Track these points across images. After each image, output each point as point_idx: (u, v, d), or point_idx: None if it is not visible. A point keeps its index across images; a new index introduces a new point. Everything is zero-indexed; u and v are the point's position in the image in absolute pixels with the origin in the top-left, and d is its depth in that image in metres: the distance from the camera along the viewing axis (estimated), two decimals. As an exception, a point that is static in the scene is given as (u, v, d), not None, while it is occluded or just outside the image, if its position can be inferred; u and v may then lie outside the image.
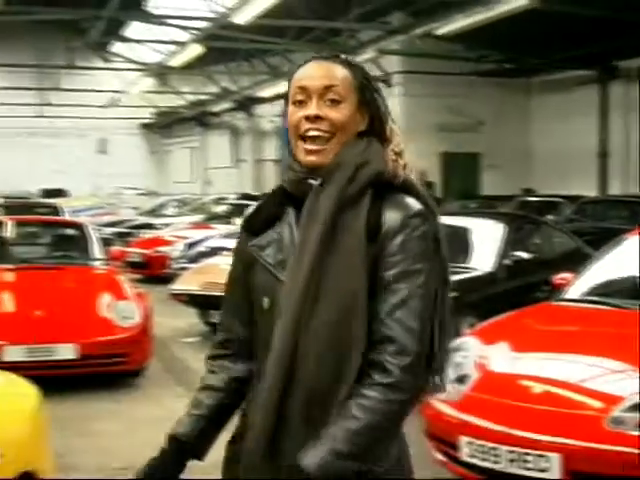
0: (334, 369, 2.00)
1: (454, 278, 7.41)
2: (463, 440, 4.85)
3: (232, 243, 9.26)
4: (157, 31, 27.08)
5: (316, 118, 2.11)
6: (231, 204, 21.13)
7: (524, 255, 9.40)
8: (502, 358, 5.35)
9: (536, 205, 18.39)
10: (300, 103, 2.12)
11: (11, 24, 21.98)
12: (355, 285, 2.00)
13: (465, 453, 4.84)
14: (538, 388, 4.94)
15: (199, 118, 35.43)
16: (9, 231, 11.16)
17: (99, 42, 26.43)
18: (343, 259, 2.03)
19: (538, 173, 25.46)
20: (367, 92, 2.18)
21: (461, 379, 5.25)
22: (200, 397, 2.26)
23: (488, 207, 18.26)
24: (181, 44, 22.45)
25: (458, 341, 5.79)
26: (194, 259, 13.71)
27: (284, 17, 17.50)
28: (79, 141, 39.37)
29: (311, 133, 2.11)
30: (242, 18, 14.96)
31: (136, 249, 16.77)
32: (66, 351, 7.73)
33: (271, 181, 31.05)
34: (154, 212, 24.00)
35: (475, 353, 5.40)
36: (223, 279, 6.92)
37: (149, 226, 20.38)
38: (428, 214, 2.10)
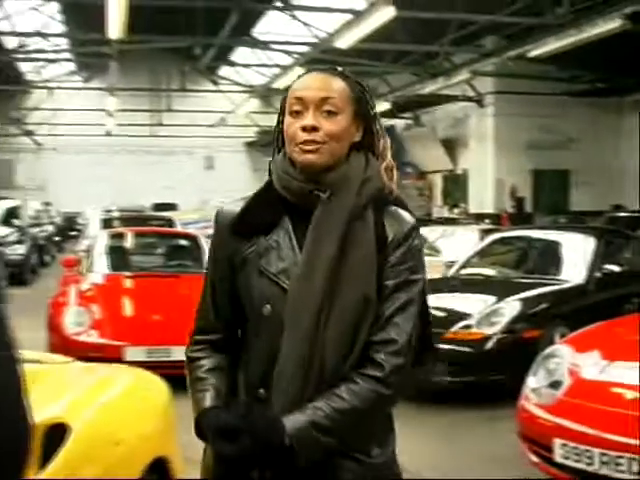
0: (344, 359, 2.05)
1: (547, 290, 7.39)
2: (557, 442, 4.85)
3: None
4: (262, 55, 27.53)
5: (312, 129, 2.08)
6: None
7: (614, 268, 9.28)
8: (594, 366, 5.32)
9: (625, 220, 18.07)
10: (297, 113, 2.09)
11: (131, 52, 22.54)
12: (367, 294, 2.06)
13: (559, 455, 4.84)
14: (629, 395, 4.90)
15: (300, 137, 35.74)
16: (129, 242, 11.54)
17: (209, 66, 26.94)
18: (356, 270, 2.08)
19: (628, 190, 24.96)
20: (363, 105, 2.17)
21: (554, 384, 5.26)
22: (207, 377, 2.21)
23: (578, 222, 18.07)
24: (284, 67, 22.73)
25: (551, 349, 5.81)
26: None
27: (382, 41, 17.58)
28: (188, 158, 40.13)
29: (307, 146, 2.07)
30: (343, 43, 15.12)
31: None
32: (181, 353, 7.92)
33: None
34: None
35: (567, 360, 5.38)
36: None
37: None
38: (418, 228, 2.17)
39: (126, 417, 3.56)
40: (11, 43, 26.42)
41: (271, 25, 25.54)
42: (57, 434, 2.94)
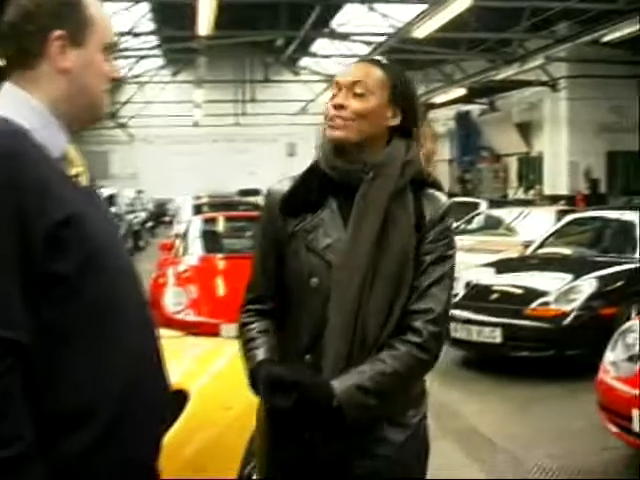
0: (382, 327, 2.16)
1: (622, 268, 7.39)
2: (636, 412, 4.89)
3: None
4: (341, 46, 27.59)
5: (340, 107, 2.19)
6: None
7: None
8: (671, 339, 5.36)
9: (700, 200, 17.75)
10: (334, 96, 2.23)
11: (217, 46, 22.84)
12: (404, 268, 2.17)
13: (638, 424, 4.89)
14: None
15: (378, 123, 35.74)
16: (220, 226, 11.80)
17: (290, 58, 27.12)
18: (394, 246, 2.18)
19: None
20: (398, 92, 2.24)
21: (632, 358, 5.31)
22: (261, 337, 2.28)
23: (652, 202, 17.77)
24: (363, 57, 22.77)
25: (628, 324, 5.83)
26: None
27: (457, 29, 17.50)
28: (271, 146, 40.45)
29: (334, 122, 2.19)
30: (420, 32, 15.12)
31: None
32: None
33: (444, 178, 31.06)
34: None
35: (645, 335, 5.43)
36: None
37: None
38: (451, 207, 2.29)
39: (235, 384, 3.70)
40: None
41: (350, 16, 25.61)
42: (177, 400, 3.07)
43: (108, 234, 1.90)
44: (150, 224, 29.13)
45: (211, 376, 3.69)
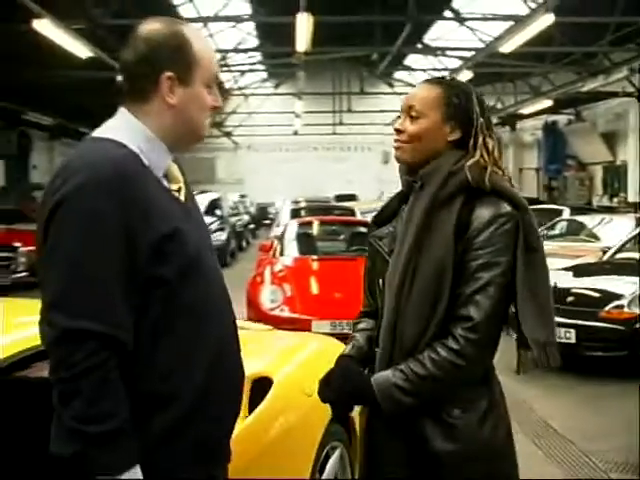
0: (421, 330, 2.19)
1: None
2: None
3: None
4: (433, 60, 27.53)
5: (398, 131, 2.31)
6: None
7: None
8: None
9: None
10: (399, 117, 2.34)
11: (315, 60, 23.09)
12: (443, 274, 2.15)
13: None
14: None
15: (468, 133, 35.42)
16: (315, 229, 11.99)
17: (385, 71, 27.17)
18: (435, 248, 2.18)
19: None
20: (453, 108, 2.28)
21: None
22: (356, 335, 2.47)
23: None
24: (453, 70, 22.70)
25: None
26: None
27: (543, 43, 17.29)
28: (366, 154, 40.54)
29: (395, 144, 2.32)
30: (506, 47, 15.02)
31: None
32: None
33: (532, 187, 30.65)
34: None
35: None
36: None
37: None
38: (515, 215, 2.19)
39: (316, 373, 3.87)
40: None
41: (441, 32, 25.56)
42: (262, 386, 3.26)
43: (203, 244, 2.08)
44: (252, 226, 29.54)
45: (295, 365, 3.83)
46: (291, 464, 3.36)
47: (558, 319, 7.67)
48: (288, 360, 3.88)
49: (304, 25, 12.76)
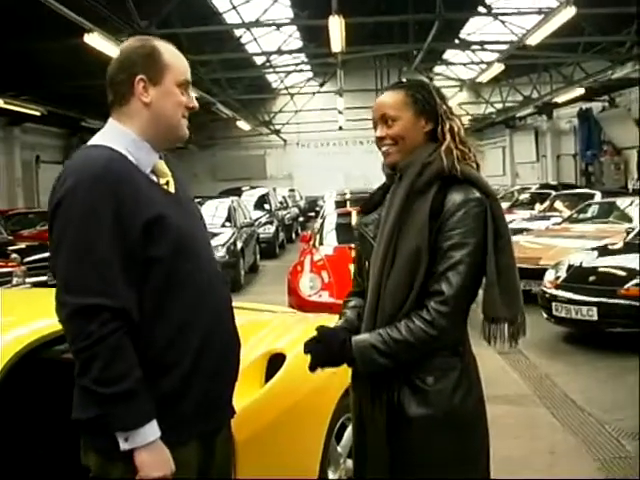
0: (399, 304, 2.32)
1: None
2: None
3: (532, 225, 9.68)
4: (470, 53, 27.39)
5: (381, 139, 2.46)
6: (532, 193, 20.94)
7: None
8: None
9: None
10: (375, 126, 2.48)
11: (354, 59, 23.16)
12: (417, 251, 2.29)
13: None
14: None
15: (507, 122, 35.19)
16: (353, 219, 12.11)
17: (424, 66, 27.12)
18: (412, 231, 2.32)
19: None
20: (421, 103, 2.41)
21: None
22: (346, 311, 2.62)
23: None
24: (487, 63, 22.61)
25: None
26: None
27: (572, 33, 17.14)
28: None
29: (383, 149, 2.46)
30: (533, 40, 14.96)
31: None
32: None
33: (570, 172, 30.32)
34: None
35: None
36: (522, 254, 7.48)
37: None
38: (483, 201, 2.31)
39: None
40: (259, 60, 27.96)
41: (476, 26, 25.45)
42: (277, 362, 3.46)
43: (192, 228, 2.30)
44: (301, 219, 29.78)
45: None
46: (304, 431, 3.53)
47: (581, 297, 7.76)
48: (304, 338, 4.04)
49: (337, 27, 12.90)
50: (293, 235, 25.31)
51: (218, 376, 2.30)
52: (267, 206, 22.55)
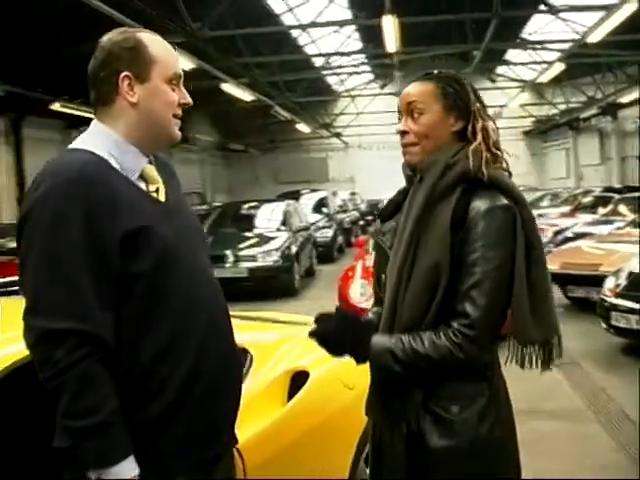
0: (416, 322, 2.10)
1: None
2: None
3: (594, 229, 9.31)
4: (532, 52, 26.85)
5: (403, 133, 2.20)
6: (596, 196, 20.33)
7: None
8: None
9: None
10: (399, 119, 2.23)
11: (413, 60, 22.84)
12: (438, 265, 2.05)
13: None
14: None
15: (570, 124, 34.43)
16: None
17: (485, 67, 26.66)
18: (431, 242, 2.08)
19: None
20: (453, 98, 2.19)
21: None
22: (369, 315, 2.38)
23: None
24: (549, 63, 22.07)
25: None
26: (560, 244, 13.50)
27: (635, 31, 16.53)
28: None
29: (403, 148, 2.22)
30: (594, 37, 14.49)
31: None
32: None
33: (635, 175, 29.45)
34: (532, 205, 23.55)
35: None
36: (581, 259, 7.25)
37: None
38: (511, 208, 2.08)
39: (360, 368, 3.83)
40: (318, 62, 27.82)
41: (538, 25, 24.89)
42: (301, 380, 3.26)
43: (183, 238, 2.08)
44: (362, 222, 29.54)
45: (336, 360, 3.79)
46: (329, 454, 3.34)
47: (636, 305, 7.38)
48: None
49: (390, 27, 12.66)
50: (352, 239, 25.06)
51: (213, 401, 2.08)
52: (325, 209, 22.40)
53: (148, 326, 1.96)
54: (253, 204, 17.24)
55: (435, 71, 2.29)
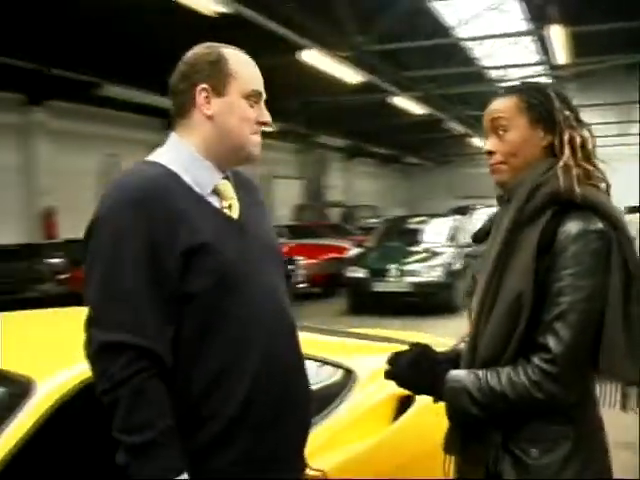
0: (496, 356, 1.93)
1: None
2: None
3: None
4: None
5: (490, 153, 2.04)
6: None
7: None
8: None
9: None
10: (487, 137, 2.07)
11: (587, 71, 21.89)
12: (522, 294, 1.88)
13: None
14: None
15: None
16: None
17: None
18: (516, 269, 1.91)
19: None
20: (536, 110, 2.02)
21: None
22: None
23: None
24: None
25: None
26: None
27: None
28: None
29: (491, 168, 2.06)
30: None
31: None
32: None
33: None
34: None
35: None
36: None
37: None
38: (607, 232, 1.88)
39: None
40: (494, 74, 27.34)
41: None
42: (407, 403, 3.16)
43: (250, 255, 2.01)
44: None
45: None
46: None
47: None
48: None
49: (558, 38, 12.17)
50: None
51: (272, 427, 1.99)
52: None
53: (204, 348, 1.91)
54: (420, 219, 17.16)
55: (516, 83, 2.15)
